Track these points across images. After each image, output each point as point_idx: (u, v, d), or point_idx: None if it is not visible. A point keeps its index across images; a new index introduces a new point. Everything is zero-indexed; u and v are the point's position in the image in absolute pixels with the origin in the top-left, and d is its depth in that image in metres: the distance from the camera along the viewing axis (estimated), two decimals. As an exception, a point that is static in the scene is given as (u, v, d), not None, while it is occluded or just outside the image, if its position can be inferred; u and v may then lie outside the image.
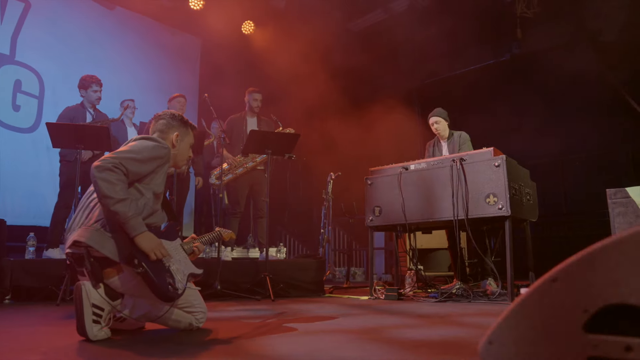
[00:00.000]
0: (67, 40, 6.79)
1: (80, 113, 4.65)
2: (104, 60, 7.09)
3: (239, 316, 2.75)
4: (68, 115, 4.61)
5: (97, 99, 4.73)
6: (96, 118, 4.68)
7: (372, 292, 3.99)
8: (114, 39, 7.39)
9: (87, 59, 6.88)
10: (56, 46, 6.66)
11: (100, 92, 4.72)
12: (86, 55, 6.91)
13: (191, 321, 2.12)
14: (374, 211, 4.02)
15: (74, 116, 4.60)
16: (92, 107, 4.75)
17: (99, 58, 7.03)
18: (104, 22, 7.30)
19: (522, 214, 3.60)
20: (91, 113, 4.73)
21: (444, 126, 4.59)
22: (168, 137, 2.28)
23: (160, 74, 7.97)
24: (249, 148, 4.24)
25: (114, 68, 7.18)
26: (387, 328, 2.23)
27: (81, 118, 4.60)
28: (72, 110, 4.67)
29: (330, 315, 2.79)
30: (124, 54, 7.49)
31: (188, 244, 2.24)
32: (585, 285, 0.88)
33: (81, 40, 6.96)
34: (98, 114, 4.78)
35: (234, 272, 4.34)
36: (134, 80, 7.42)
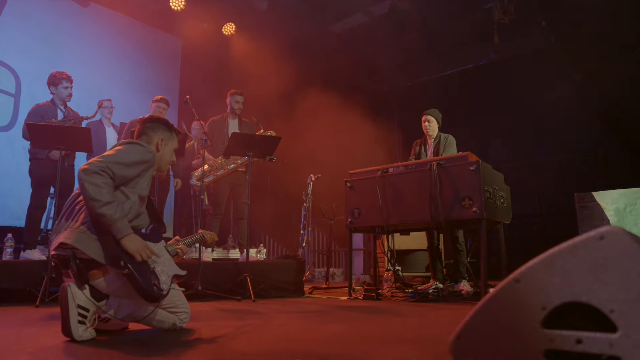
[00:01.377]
0: (44, 38, 6.72)
1: (50, 110, 4.56)
2: (83, 58, 7.03)
3: (221, 316, 2.80)
4: (38, 112, 4.50)
5: (67, 95, 4.66)
6: (67, 115, 4.61)
7: (350, 293, 4.08)
8: (94, 38, 7.33)
9: (65, 57, 6.81)
10: (33, 44, 6.59)
11: (71, 89, 4.65)
12: (64, 54, 6.85)
13: (175, 321, 2.17)
14: (353, 213, 4.11)
15: (44, 113, 4.49)
16: (63, 104, 4.68)
17: (77, 56, 6.96)
18: (83, 20, 7.24)
19: (496, 216, 3.73)
20: (62, 110, 4.66)
21: (434, 126, 4.72)
22: (153, 141, 2.33)
23: (141, 73, 7.93)
24: (230, 150, 4.28)
25: (93, 67, 7.12)
26: (365, 326, 2.31)
27: (52, 115, 4.52)
28: (42, 107, 4.57)
29: (310, 313, 2.87)
30: (104, 52, 7.43)
31: (172, 246, 2.29)
32: (543, 285, 0.98)
33: (59, 38, 6.89)
34: (69, 111, 4.72)
35: (215, 273, 4.38)
36: (114, 79, 7.37)
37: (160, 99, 5.13)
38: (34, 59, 6.52)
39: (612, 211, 3.09)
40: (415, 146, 4.82)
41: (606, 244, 0.93)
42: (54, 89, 4.65)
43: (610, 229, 0.93)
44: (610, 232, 0.93)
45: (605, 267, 0.92)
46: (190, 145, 5.06)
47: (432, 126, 4.64)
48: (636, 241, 0.91)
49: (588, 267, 0.94)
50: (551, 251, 0.98)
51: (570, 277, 0.95)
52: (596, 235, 0.94)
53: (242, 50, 8.66)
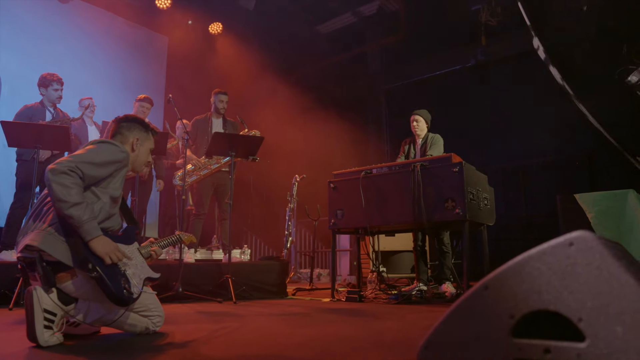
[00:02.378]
0: (23, 34, 6.59)
1: (39, 112, 4.52)
2: (64, 55, 6.91)
3: (198, 319, 2.75)
4: (26, 114, 4.48)
5: (57, 97, 4.62)
6: (56, 117, 4.56)
7: (333, 294, 4.04)
8: (76, 35, 7.21)
9: (46, 54, 6.69)
10: (13, 41, 6.46)
11: (61, 91, 4.61)
12: (46, 51, 6.72)
13: (148, 325, 2.12)
14: (337, 214, 4.07)
15: (32, 115, 4.46)
16: (52, 105, 4.63)
17: (59, 53, 6.84)
18: (65, 16, 7.12)
19: (479, 218, 3.72)
20: (51, 112, 4.61)
21: (422, 126, 4.70)
22: (128, 141, 2.27)
23: (125, 72, 7.82)
24: (212, 150, 4.22)
25: (76, 64, 7.00)
26: (342, 329, 2.27)
27: (40, 117, 4.48)
28: (30, 109, 4.53)
29: (289, 316, 2.82)
30: (87, 50, 7.32)
31: (145, 248, 2.23)
32: (512, 293, 0.94)
33: (40, 34, 6.76)
34: (59, 113, 4.66)
35: (197, 274, 4.32)
36: (97, 77, 7.26)
37: (144, 98, 5.05)
38: (14, 56, 6.40)
39: (594, 213, 3.09)
40: (404, 145, 4.80)
41: (575, 250, 0.90)
42: (44, 90, 4.60)
43: (580, 234, 0.90)
44: (579, 238, 0.90)
45: (574, 274, 0.89)
46: (173, 145, 4.99)
47: (421, 126, 4.63)
48: (606, 247, 0.88)
49: (557, 274, 0.91)
50: (520, 257, 0.95)
51: (538, 285, 0.92)
52: (565, 241, 0.91)
53: (229, 49, 8.59)
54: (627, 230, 3.01)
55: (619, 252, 0.96)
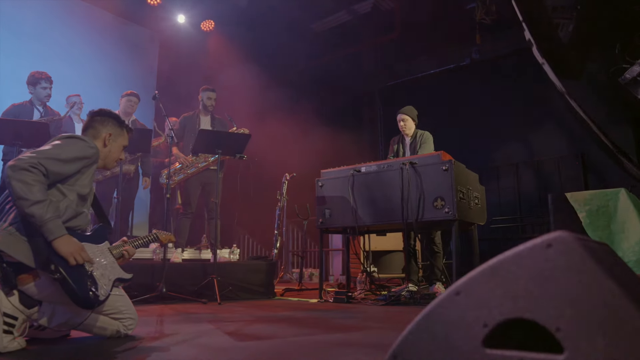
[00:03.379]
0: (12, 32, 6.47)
1: (26, 110, 4.43)
2: (54, 53, 6.79)
3: (177, 321, 2.66)
4: (12, 112, 4.40)
5: (46, 96, 4.53)
6: (45, 115, 4.47)
7: (321, 295, 3.95)
8: (63, 30, 7.09)
9: (34, 50, 6.57)
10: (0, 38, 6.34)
11: (50, 89, 4.52)
12: (34, 48, 6.61)
13: (118, 328, 2.03)
14: (325, 213, 3.99)
15: (18, 113, 4.38)
16: (41, 104, 4.54)
17: (48, 51, 6.72)
18: (55, 13, 7.00)
19: (469, 217, 3.64)
20: (39, 110, 4.52)
21: (410, 125, 4.62)
22: (100, 136, 2.18)
23: (115, 69, 7.70)
24: (198, 148, 4.13)
25: (65, 61, 6.89)
26: (322, 332, 2.19)
27: (27, 115, 4.39)
28: (17, 107, 4.45)
29: (270, 319, 2.74)
30: (77, 46, 7.20)
31: (117, 248, 2.14)
32: (486, 299, 0.86)
33: (25, 30, 6.64)
34: (47, 111, 4.57)
35: (182, 274, 4.23)
36: (85, 74, 7.14)
37: (131, 93, 4.96)
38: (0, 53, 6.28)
39: (585, 212, 3.02)
40: (392, 144, 4.71)
41: (553, 252, 0.81)
42: (32, 88, 4.52)
43: (559, 235, 0.82)
44: (558, 239, 0.81)
45: (552, 279, 0.81)
46: (160, 142, 4.89)
47: (409, 125, 4.54)
48: (587, 249, 0.80)
49: (533, 279, 0.82)
50: (494, 260, 0.87)
51: (514, 290, 0.84)
52: (543, 243, 0.83)
53: (221, 47, 8.49)
54: (618, 230, 2.94)
55: (603, 255, 0.88)
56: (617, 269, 0.92)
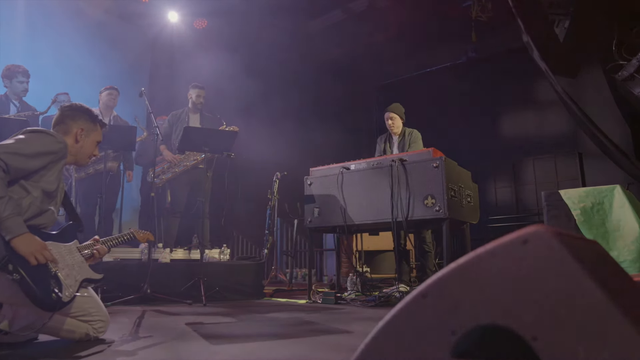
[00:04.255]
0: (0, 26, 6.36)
1: (2, 105, 4.32)
2: (43, 49, 6.68)
3: (155, 322, 2.56)
4: None
5: (23, 90, 4.42)
6: (21, 110, 4.36)
7: (310, 296, 3.85)
8: (55, 28, 6.97)
9: (24, 47, 6.46)
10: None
11: (27, 84, 4.40)
12: (23, 44, 6.49)
13: (88, 331, 1.93)
14: (313, 212, 3.89)
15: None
16: (17, 99, 4.43)
17: (37, 47, 6.61)
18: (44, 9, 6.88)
19: (461, 216, 3.54)
20: (16, 105, 4.41)
21: (398, 123, 4.52)
22: (71, 131, 2.08)
23: (107, 66, 7.58)
24: (184, 145, 4.03)
25: (54, 58, 6.77)
26: (298, 335, 2.09)
27: (4, 110, 4.28)
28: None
29: (252, 320, 2.64)
30: (68, 44, 7.08)
31: (87, 247, 2.04)
32: (455, 302, 0.76)
33: (18, 28, 6.53)
34: (24, 105, 4.46)
35: (169, 275, 4.14)
36: (77, 72, 7.02)
37: (110, 87, 4.84)
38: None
39: (579, 210, 2.92)
40: (380, 142, 4.62)
41: (530, 250, 0.72)
42: (8, 82, 4.41)
43: (536, 230, 0.72)
44: (534, 235, 0.72)
45: (528, 280, 0.71)
46: (141, 139, 4.78)
47: (396, 123, 4.45)
48: (567, 246, 0.70)
49: (507, 280, 0.73)
50: (465, 259, 0.77)
51: (486, 293, 0.74)
52: (518, 239, 0.73)
53: (214, 45, 8.38)
54: (614, 228, 2.85)
55: (587, 253, 0.79)
56: (604, 270, 0.82)
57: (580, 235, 0.82)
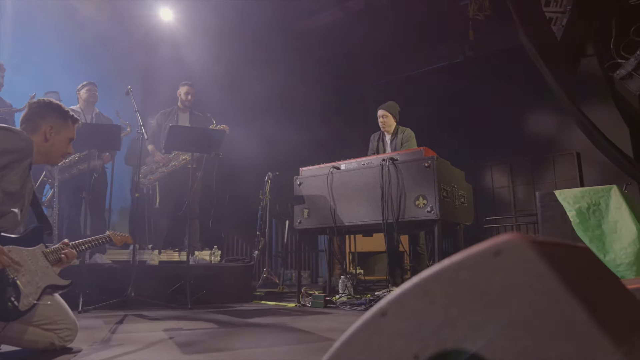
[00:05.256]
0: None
1: None
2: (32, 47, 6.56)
3: (132, 328, 2.46)
4: None
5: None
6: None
7: (299, 299, 3.74)
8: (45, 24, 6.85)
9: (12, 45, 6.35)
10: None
11: (2, 78, 4.29)
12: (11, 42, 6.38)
13: (53, 340, 1.82)
14: (303, 213, 3.78)
15: None
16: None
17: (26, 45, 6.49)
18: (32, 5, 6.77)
19: (454, 217, 3.44)
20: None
21: (391, 121, 4.43)
22: (39, 129, 1.97)
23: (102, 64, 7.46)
24: (170, 145, 3.92)
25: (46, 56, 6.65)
26: (278, 343, 1.99)
27: None
28: None
29: (234, 325, 2.53)
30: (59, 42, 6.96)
31: (55, 252, 1.93)
32: (418, 323, 0.66)
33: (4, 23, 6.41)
34: (2, 102, 4.34)
35: (155, 277, 4.03)
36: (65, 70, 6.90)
37: (88, 82, 4.73)
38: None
39: (575, 211, 2.82)
40: (372, 140, 4.51)
41: (504, 262, 0.61)
42: None
43: (510, 239, 0.61)
44: (508, 245, 0.61)
45: (501, 297, 0.61)
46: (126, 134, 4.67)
47: (389, 121, 4.34)
48: (547, 258, 0.60)
49: (477, 297, 0.62)
50: (429, 272, 0.67)
51: (453, 312, 0.64)
52: (490, 250, 0.63)
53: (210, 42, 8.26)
54: (610, 230, 2.74)
55: (573, 264, 0.68)
56: (594, 285, 0.72)
57: (565, 242, 0.71)
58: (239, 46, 8.17)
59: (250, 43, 8.40)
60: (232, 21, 8.28)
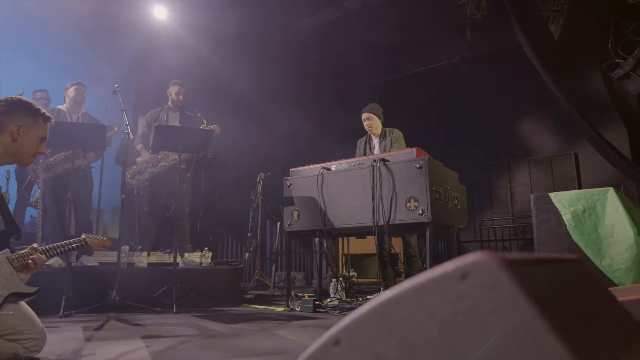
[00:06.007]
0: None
1: None
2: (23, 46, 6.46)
3: (109, 335, 2.36)
4: None
5: None
6: None
7: (288, 303, 3.65)
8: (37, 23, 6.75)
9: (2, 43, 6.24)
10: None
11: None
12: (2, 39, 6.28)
13: (17, 351, 1.72)
14: (293, 215, 3.69)
15: None
16: None
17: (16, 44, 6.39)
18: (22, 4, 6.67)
19: (446, 220, 3.35)
20: None
21: (376, 123, 4.33)
22: (5, 130, 1.88)
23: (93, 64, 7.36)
24: (156, 145, 3.82)
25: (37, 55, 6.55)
26: (253, 354, 1.90)
27: None
28: None
29: (215, 333, 2.44)
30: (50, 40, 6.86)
31: (21, 258, 1.84)
32: (374, 353, 0.57)
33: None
34: None
35: (142, 281, 3.94)
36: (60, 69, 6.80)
37: (77, 82, 4.63)
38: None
39: (570, 214, 2.73)
40: (359, 144, 4.42)
41: (471, 287, 0.52)
42: None
43: (478, 261, 0.52)
44: (477, 267, 0.52)
45: (468, 327, 0.51)
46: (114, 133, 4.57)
47: (375, 123, 4.25)
48: (520, 279, 0.51)
49: (441, 326, 0.53)
50: (387, 295, 0.58)
51: (412, 342, 0.54)
52: (456, 272, 0.53)
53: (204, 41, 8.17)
54: (607, 235, 2.65)
55: (552, 284, 0.59)
56: (581, 304, 0.63)
57: (546, 258, 0.62)
58: (234, 45, 8.08)
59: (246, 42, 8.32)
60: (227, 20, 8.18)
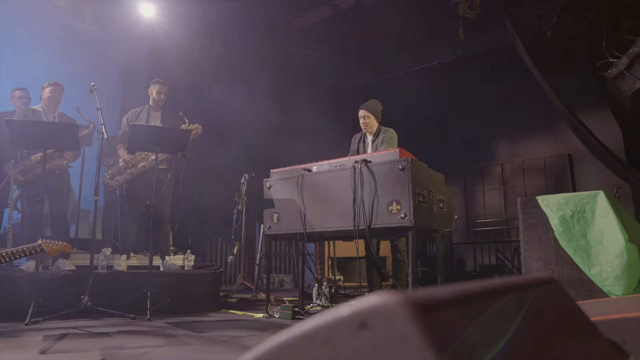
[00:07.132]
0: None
1: None
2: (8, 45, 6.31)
3: (69, 346, 2.22)
4: None
5: None
6: None
7: (267, 310, 3.51)
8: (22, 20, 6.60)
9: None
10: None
11: None
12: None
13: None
14: (273, 217, 3.55)
15: None
16: None
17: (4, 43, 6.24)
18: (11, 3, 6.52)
19: (431, 223, 3.21)
20: None
21: (372, 122, 4.20)
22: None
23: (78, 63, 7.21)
24: (133, 145, 3.68)
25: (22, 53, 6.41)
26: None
27: None
28: None
29: (181, 343, 2.31)
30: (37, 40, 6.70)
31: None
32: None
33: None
34: None
35: (116, 285, 3.80)
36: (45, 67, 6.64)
37: (54, 83, 4.48)
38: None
39: (558, 219, 2.60)
40: (353, 141, 4.29)
41: (371, 339, 0.39)
42: None
43: (380, 306, 0.39)
44: (378, 314, 0.39)
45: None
46: (88, 132, 4.42)
47: (371, 122, 4.11)
48: (431, 334, 0.37)
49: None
50: (271, 344, 0.44)
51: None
52: (353, 319, 0.40)
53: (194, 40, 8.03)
54: (596, 241, 2.52)
55: (484, 332, 0.46)
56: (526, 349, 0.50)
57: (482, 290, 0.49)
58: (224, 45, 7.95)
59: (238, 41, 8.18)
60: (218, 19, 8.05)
